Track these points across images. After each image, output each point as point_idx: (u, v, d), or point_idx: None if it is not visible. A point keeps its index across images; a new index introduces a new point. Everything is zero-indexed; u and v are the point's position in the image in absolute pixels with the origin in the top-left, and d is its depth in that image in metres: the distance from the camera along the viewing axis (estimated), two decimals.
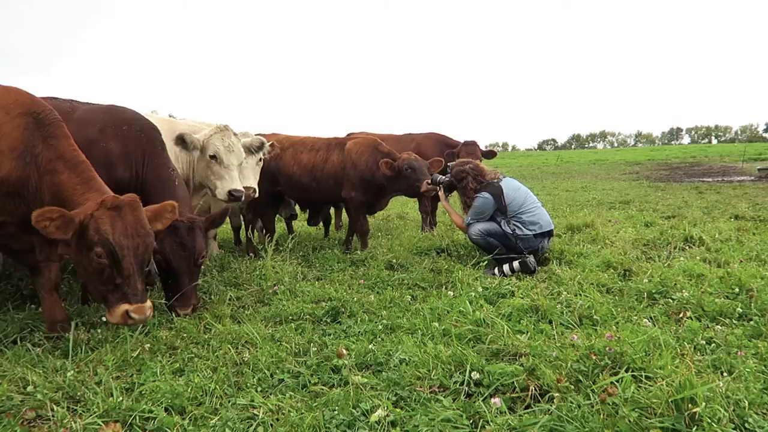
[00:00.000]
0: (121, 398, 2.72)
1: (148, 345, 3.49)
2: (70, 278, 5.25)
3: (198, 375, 3.04)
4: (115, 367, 3.16)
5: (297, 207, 8.05)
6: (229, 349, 3.41)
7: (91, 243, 3.22)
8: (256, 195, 5.80)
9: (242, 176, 5.65)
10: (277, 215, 8.04)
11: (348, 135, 8.56)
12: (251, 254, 6.65)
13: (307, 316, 4.12)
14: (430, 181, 6.27)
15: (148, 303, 3.35)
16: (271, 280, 5.05)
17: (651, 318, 3.84)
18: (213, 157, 5.34)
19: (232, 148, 5.45)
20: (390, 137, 9.09)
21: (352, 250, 6.75)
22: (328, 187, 6.90)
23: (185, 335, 3.72)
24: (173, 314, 4.12)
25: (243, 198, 5.41)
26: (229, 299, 4.55)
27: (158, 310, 4.19)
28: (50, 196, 3.42)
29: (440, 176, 6.42)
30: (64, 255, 3.57)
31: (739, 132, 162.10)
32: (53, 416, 2.60)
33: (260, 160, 6.14)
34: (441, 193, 6.40)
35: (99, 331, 3.70)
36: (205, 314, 4.12)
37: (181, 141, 5.24)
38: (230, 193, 5.27)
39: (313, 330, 3.85)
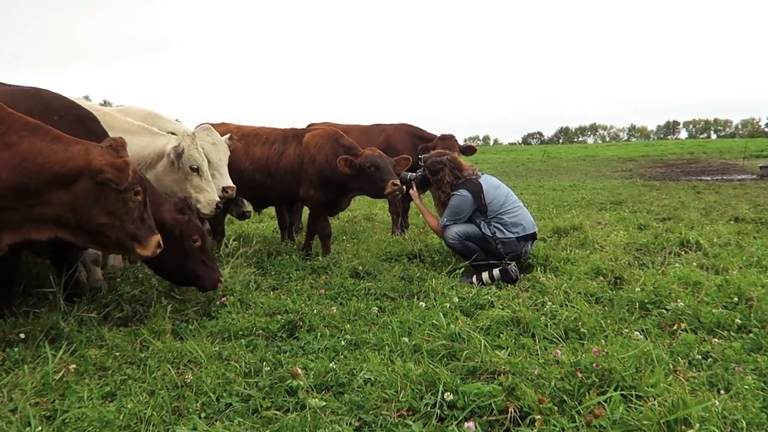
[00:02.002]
0: (40, 427, 2.65)
1: (74, 366, 3.41)
2: None
3: (132, 400, 2.98)
4: (34, 392, 3.07)
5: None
6: (169, 369, 3.36)
7: (130, 185, 3.72)
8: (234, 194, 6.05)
9: (220, 175, 5.98)
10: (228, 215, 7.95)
11: (309, 126, 8.53)
12: None
13: (260, 331, 4.08)
14: (396, 182, 6.10)
15: None
16: (219, 291, 4.98)
17: (643, 330, 3.92)
18: (195, 169, 5.55)
19: (210, 154, 5.83)
20: (356, 128, 9.08)
21: (313, 256, 6.72)
22: (284, 185, 6.87)
23: (118, 354, 3.65)
24: (214, 289, 4.74)
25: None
26: (170, 312, 4.48)
27: (86, 326, 4.10)
28: (11, 171, 3.43)
29: (411, 173, 6.42)
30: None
31: (740, 126, 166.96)
32: None
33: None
34: (414, 191, 6.41)
35: (16, 350, 3.59)
36: (141, 330, 4.05)
37: (178, 156, 5.47)
38: (217, 205, 5.65)
39: (266, 347, 3.82)
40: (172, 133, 5.67)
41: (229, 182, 6.00)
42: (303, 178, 6.73)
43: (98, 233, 3.76)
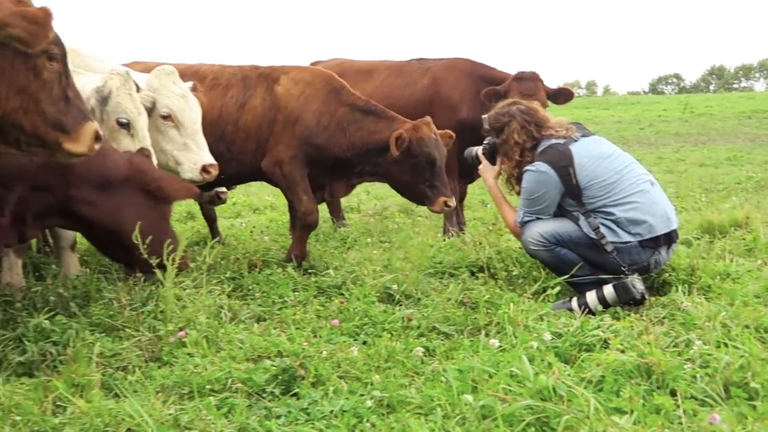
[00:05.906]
0: None
1: None
2: None
3: None
4: None
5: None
6: None
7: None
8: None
9: (196, 146, 6.14)
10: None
11: (314, 64, 8.65)
12: (139, 275, 6.60)
13: (239, 385, 4.09)
14: (451, 202, 6.57)
15: None
16: (174, 322, 5.02)
17: None
18: (124, 125, 5.57)
19: (182, 113, 5.97)
20: (382, 67, 9.25)
21: (320, 269, 6.77)
22: (247, 154, 6.97)
23: (19, 419, 3.68)
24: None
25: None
26: (99, 355, 4.52)
27: None
28: None
29: (475, 148, 6.37)
30: None
31: None
32: None
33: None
34: (485, 167, 6.32)
35: None
36: (55, 382, 4.08)
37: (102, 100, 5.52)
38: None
39: (248, 409, 3.84)
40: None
41: (209, 158, 6.06)
42: (273, 142, 6.88)
43: (8, 125, 3.90)
